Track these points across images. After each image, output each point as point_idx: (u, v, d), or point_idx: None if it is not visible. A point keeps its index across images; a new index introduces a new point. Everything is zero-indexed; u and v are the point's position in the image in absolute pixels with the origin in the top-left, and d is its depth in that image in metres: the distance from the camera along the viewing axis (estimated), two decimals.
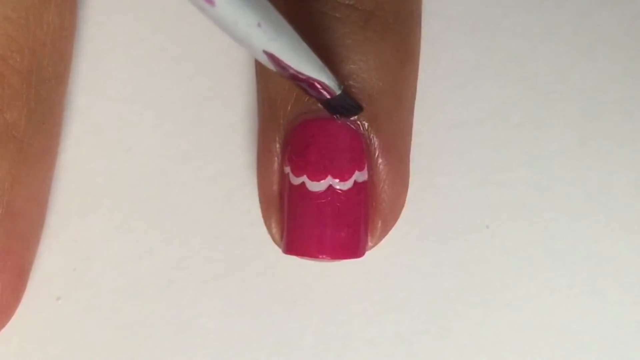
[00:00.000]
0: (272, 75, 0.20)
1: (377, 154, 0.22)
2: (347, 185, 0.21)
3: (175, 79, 0.25)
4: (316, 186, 0.21)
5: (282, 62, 0.18)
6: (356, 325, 0.24)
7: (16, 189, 0.22)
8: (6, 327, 0.23)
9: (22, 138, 0.22)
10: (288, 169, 0.22)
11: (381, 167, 0.22)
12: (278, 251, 0.23)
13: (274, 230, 0.23)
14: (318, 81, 0.19)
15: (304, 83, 0.19)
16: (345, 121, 0.22)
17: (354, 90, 0.21)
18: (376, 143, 0.22)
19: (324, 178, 0.21)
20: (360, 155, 0.22)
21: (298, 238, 0.22)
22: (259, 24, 0.17)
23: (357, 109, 0.21)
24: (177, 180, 0.25)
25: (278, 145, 0.22)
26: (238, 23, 0.17)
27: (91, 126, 0.25)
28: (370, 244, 0.22)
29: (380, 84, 0.22)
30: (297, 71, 0.19)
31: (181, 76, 0.25)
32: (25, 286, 0.23)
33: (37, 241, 0.24)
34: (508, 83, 0.25)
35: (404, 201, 0.23)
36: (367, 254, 0.22)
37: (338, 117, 0.21)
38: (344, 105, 0.21)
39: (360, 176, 0.22)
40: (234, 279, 0.24)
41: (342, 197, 0.21)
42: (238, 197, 0.24)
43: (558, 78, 0.25)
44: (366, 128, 0.22)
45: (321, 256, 0.22)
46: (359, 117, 0.22)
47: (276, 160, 0.22)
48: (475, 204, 0.24)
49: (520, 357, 0.24)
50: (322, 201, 0.21)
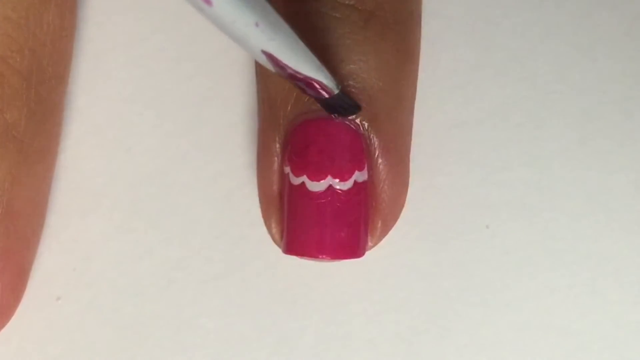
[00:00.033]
0: (272, 75, 0.20)
1: (377, 154, 0.22)
2: (347, 185, 0.21)
3: (175, 79, 0.25)
4: (316, 186, 0.21)
5: (281, 62, 0.18)
6: (356, 325, 0.24)
7: (16, 189, 0.22)
8: (6, 327, 0.23)
9: (22, 138, 0.22)
10: (288, 169, 0.22)
11: (381, 167, 0.22)
12: (278, 251, 0.23)
13: (274, 230, 0.23)
14: (316, 81, 0.19)
15: (302, 83, 0.19)
16: (344, 121, 0.22)
17: (354, 90, 0.21)
18: (376, 143, 0.22)
19: (324, 178, 0.21)
20: (360, 155, 0.22)
21: (298, 238, 0.22)
22: (257, 24, 0.17)
23: (355, 108, 0.21)
24: (177, 180, 0.25)
25: (278, 145, 0.22)
26: (236, 23, 0.17)
27: (91, 126, 0.25)
28: (370, 244, 0.22)
29: (380, 84, 0.22)
30: (295, 71, 0.19)
31: (181, 76, 0.25)
32: (25, 286, 0.23)
33: (37, 241, 0.24)
34: (508, 83, 0.25)
35: (404, 201, 0.23)
36: (367, 254, 0.22)
37: (336, 117, 0.21)
38: (342, 104, 0.21)
39: (360, 176, 0.22)
40: (234, 279, 0.24)
41: (342, 197, 0.21)
42: (238, 197, 0.24)
43: (558, 78, 0.25)
44: (366, 128, 0.22)
45: (321, 256, 0.22)
46: (359, 117, 0.22)
47: (276, 160, 0.22)
48: (475, 204, 0.24)
49: (520, 357, 0.24)
50: (322, 201, 0.21)
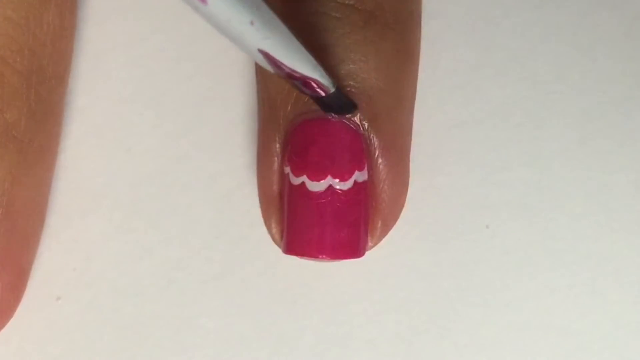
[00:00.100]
0: (272, 75, 0.20)
1: (377, 154, 0.22)
2: (347, 185, 0.21)
3: (175, 79, 0.25)
4: (316, 186, 0.21)
5: (277, 61, 0.18)
6: (356, 325, 0.24)
7: (16, 189, 0.22)
8: (6, 327, 0.23)
9: (22, 138, 0.22)
10: (288, 169, 0.22)
11: (381, 167, 0.22)
12: (278, 251, 0.23)
13: (274, 230, 0.23)
14: (312, 79, 0.19)
15: (299, 82, 0.19)
16: (344, 121, 0.21)
17: (354, 90, 0.21)
18: (376, 143, 0.22)
19: (324, 178, 0.21)
20: (360, 155, 0.22)
21: (298, 238, 0.22)
22: (252, 22, 0.17)
23: (351, 107, 0.21)
24: (177, 180, 0.25)
25: (278, 145, 0.22)
26: (231, 21, 0.17)
27: (91, 126, 0.25)
28: (370, 244, 0.22)
29: (380, 84, 0.22)
30: (292, 69, 0.19)
31: (181, 76, 0.25)
32: (25, 286, 0.23)
33: (37, 241, 0.24)
34: (508, 83, 0.25)
35: (404, 201, 0.23)
36: (367, 254, 0.22)
37: (333, 116, 0.21)
38: (338, 102, 0.21)
39: (360, 176, 0.22)
40: (234, 279, 0.24)
41: (342, 197, 0.21)
42: (238, 197, 0.24)
43: (558, 78, 0.25)
44: (366, 128, 0.22)
45: (321, 256, 0.22)
46: (359, 117, 0.22)
47: (276, 160, 0.22)
48: (475, 204, 0.24)
49: (520, 357, 0.24)
50: (322, 201, 0.21)
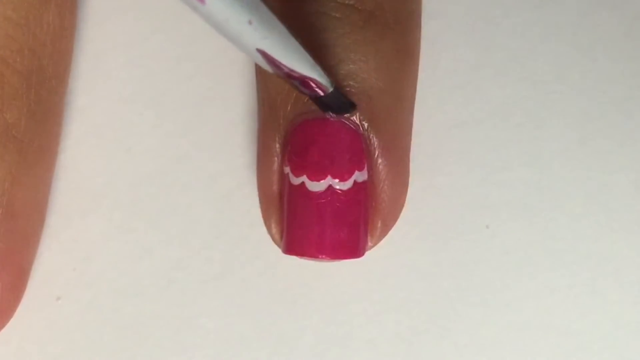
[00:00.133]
0: (272, 75, 0.20)
1: (377, 154, 0.22)
2: (347, 185, 0.21)
3: (175, 79, 0.25)
4: (316, 186, 0.21)
5: (276, 61, 0.18)
6: (356, 325, 0.24)
7: (16, 189, 0.22)
8: (6, 327, 0.23)
9: (22, 138, 0.22)
10: (288, 169, 0.22)
11: (381, 167, 0.22)
12: (278, 251, 0.23)
13: (274, 230, 0.23)
14: (311, 78, 0.19)
15: (298, 81, 0.19)
16: (344, 120, 0.21)
17: (354, 90, 0.21)
18: (376, 143, 0.22)
19: (324, 178, 0.21)
20: (360, 155, 0.22)
21: (298, 238, 0.22)
22: (250, 22, 0.17)
23: (349, 106, 0.21)
24: (177, 180, 0.25)
25: (278, 145, 0.22)
26: (229, 21, 0.17)
27: (91, 126, 0.25)
28: (370, 244, 0.22)
29: (380, 84, 0.22)
30: (290, 69, 0.19)
31: (181, 76, 0.25)
32: (25, 286, 0.23)
33: (37, 241, 0.24)
34: (508, 83, 0.25)
35: (404, 201, 0.23)
36: (367, 254, 0.22)
37: (331, 115, 0.21)
38: (337, 102, 0.21)
39: (360, 176, 0.22)
40: (234, 279, 0.24)
41: (342, 197, 0.21)
42: (238, 197, 0.24)
43: (558, 78, 0.25)
44: (366, 128, 0.22)
45: (321, 256, 0.22)
46: (359, 117, 0.22)
47: (276, 160, 0.22)
48: (475, 204, 0.24)
49: (520, 357, 0.24)
50: (322, 201, 0.21)
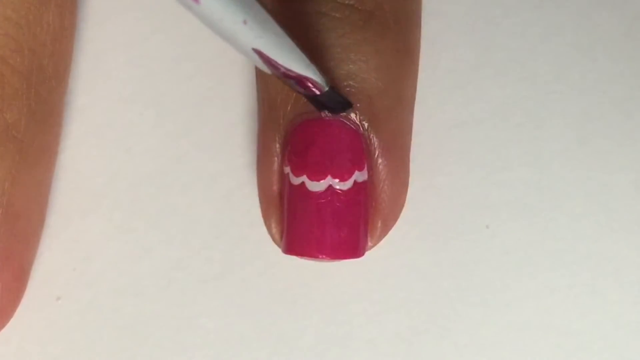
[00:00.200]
0: (272, 75, 0.20)
1: (377, 154, 0.22)
2: (347, 185, 0.21)
3: (175, 79, 0.25)
4: (316, 186, 0.21)
5: (272, 60, 0.18)
6: (356, 325, 0.24)
7: (16, 189, 0.22)
8: (6, 327, 0.23)
9: (22, 138, 0.22)
10: (288, 169, 0.22)
11: (381, 167, 0.22)
12: (278, 251, 0.23)
13: (274, 230, 0.23)
14: (307, 78, 0.19)
15: (294, 81, 0.19)
16: (343, 120, 0.21)
17: (354, 90, 0.21)
18: (376, 143, 0.22)
19: (324, 178, 0.21)
20: (360, 155, 0.22)
21: (298, 238, 0.22)
22: (245, 21, 0.17)
23: (346, 105, 0.21)
24: (177, 180, 0.25)
25: (278, 145, 0.22)
26: (223, 20, 0.17)
27: (91, 126, 0.25)
28: (370, 244, 0.22)
29: (380, 84, 0.22)
30: (286, 68, 0.19)
31: (181, 76, 0.25)
32: (25, 286, 0.23)
33: (37, 241, 0.24)
34: (508, 83, 0.25)
35: (404, 201, 0.23)
36: (367, 254, 0.22)
37: (327, 114, 0.21)
38: (332, 101, 0.21)
39: (360, 176, 0.22)
40: (234, 279, 0.24)
41: (342, 197, 0.21)
42: (238, 197, 0.24)
43: (558, 78, 0.25)
44: (366, 128, 0.22)
45: (321, 256, 0.22)
46: (359, 117, 0.22)
47: (276, 160, 0.22)
48: (475, 204, 0.24)
49: (520, 357, 0.24)
50: (322, 201, 0.21)
